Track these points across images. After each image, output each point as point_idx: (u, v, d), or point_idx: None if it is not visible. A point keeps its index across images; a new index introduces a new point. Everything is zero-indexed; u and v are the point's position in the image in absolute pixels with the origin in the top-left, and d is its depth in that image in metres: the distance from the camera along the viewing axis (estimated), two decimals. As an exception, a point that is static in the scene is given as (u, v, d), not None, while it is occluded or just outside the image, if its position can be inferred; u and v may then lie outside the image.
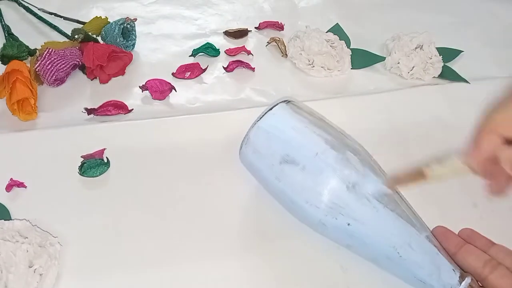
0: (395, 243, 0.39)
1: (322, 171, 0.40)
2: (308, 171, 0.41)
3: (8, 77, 0.54)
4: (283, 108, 0.44)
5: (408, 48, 0.64)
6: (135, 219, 0.46)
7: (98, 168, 0.49)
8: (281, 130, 0.42)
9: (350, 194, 0.40)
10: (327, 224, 0.41)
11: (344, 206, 0.40)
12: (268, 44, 0.67)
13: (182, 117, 0.56)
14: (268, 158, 0.42)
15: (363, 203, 0.39)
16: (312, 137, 0.42)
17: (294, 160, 0.41)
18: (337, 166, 0.40)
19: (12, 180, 0.48)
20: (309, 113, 0.44)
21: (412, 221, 0.40)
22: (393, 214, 0.40)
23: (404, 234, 0.39)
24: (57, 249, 0.41)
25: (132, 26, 0.64)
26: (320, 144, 0.41)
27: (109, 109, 0.55)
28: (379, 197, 0.40)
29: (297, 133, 0.42)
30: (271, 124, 0.43)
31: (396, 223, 0.40)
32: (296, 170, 0.41)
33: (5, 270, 0.38)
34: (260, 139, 0.43)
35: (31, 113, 0.54)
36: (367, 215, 0.39)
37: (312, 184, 0.40)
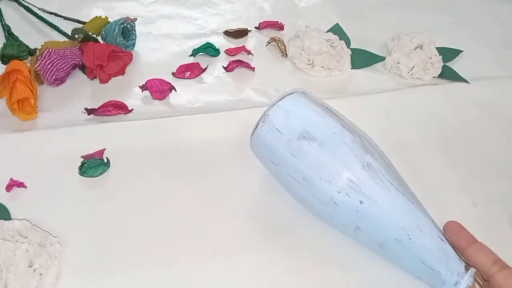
0: (405, 224, 0.40)
1: (339, 148, 0.41)
2: (326, 147, 0.42)
3: (8, 77, 0.54)
4: (301, 94, 0.46)
5: (408, 48, 0.64)
6: (135, 219, 0.46)
7: (98, 168, 0.49)
8: (301, 109, 0.44)
9: (365, 172, 0.41)
10: (338, 203, 0.41)
11: (359, 184, 0.41)
12: (268, 44, 0.67)
13: (182, 117, 0.56)
14: (286, 135, 0.43)
15: (377, 182, 0.41)
16: (329, 119, 0.44)
17: (313, 137, 0.42)
18: (353, 145, 0.42)
19: (12, 180, 0.48)
20: (323, 103, 0.47)
21: (421, 207, 0.42)
22: (403, 197, 0.41)
23: (414, 216, 0.41)
24: (57, 249, 0.41)
25: (132, 26, 0.64)
26: (337, 125, 0.43)
27: (109, 109, 0.55)
28: (391, 180, 0.41)
29: (316, 114, 0.44)
30: (291, 104, 0.44)
31: (407, 205, 0.41)
32: (314, 146, 0.42)
33: (5, 269, 0.38)
34: (279, 117, 0.44)
35: (31, 113, 0.54)
36: (380, 194, 0.40)
37: (329, 159, 0.41)
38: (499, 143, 0.56)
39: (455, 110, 0.59)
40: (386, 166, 0.43)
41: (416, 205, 0.42)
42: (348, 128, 0.43)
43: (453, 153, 0.55)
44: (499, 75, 0.65)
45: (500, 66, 0.66)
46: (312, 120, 0.44)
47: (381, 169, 0.41)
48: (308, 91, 0.48)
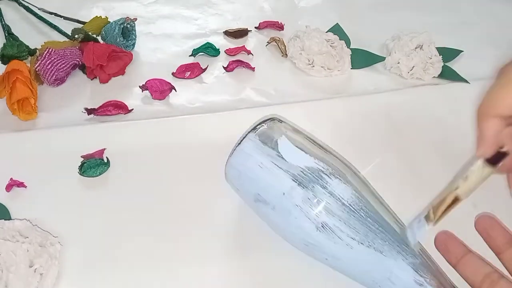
0: (374, 278, 0.38)
1: (290, 212, 0.39)
2: (278, 211, 0.40)
3: (8, 77, 0.54)
4: (252, 140, 0.42)
5: (408, 48, 0.64)
6: (135, 219, 0.46)
7: (98, 168, 0.49)
8: (249, 168, 0.41)
9: (321, 234, 0.38)
10: (307, 254, 0.41)
11: (318, 245, 0.39)
12: (268, 44, 0.67)
13: (182, 117, 0.56)
14: (244, 194, 0.43)
15: (335, 242, 0.38)
16: (278, 175, 0.40)
17: (265, 200, 0.41)
18: (305, 205, 0.39)
19: (12, 180, 0.48)
20: (282, 141, 0.42)
21: (396, 250, 0.38)
22: (369, 250, 0.38)
23: (384, 268, 0.38)
24: (57, 249, 0.41)
25: (132, 26, 0.64)
26: (287, 182, 0.40)
27: (109, 109, 0.55)
28: (353, 233, 0.38)
29: (264, 171, 0.41)
30: (240, 162, 0.42)
31: (373, 259, 0.38)
32: (268, 209, 0.41)
33: (5, 269, 0.38)
34: (234, 177, 0.43)
35: (31, 113, 0.54)
36: (341, 252, 0.39)
37: (284, 223, 0.40)
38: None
39: (455, 110, 0.59)
40: (348, 215, 0.39)
41: (387, 252, 0.38)
42: (302, 180, 0.39)
43: (453, 153, 0.55)
44: (499, 75, 0.65)
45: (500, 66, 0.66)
46: (261, 180, 0.41)
47: (339, 225, 0.38)
48: (275, 117, 0.45)
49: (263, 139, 0.42)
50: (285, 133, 0.43)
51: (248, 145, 0.42)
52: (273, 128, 0.43)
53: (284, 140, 0.42)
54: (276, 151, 0.41)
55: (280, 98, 0.59)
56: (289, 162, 0.40)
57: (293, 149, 0.41)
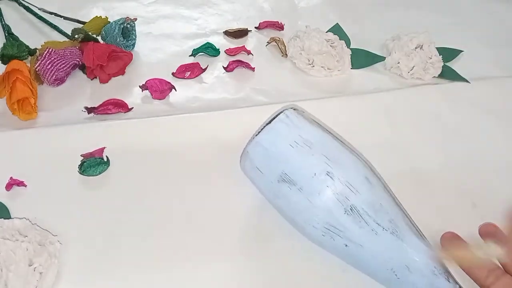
0: (393, 265, 0.38)
1: (320, 192, 0.39)
2: (306, 192, 0.40)
3: (8, 77, 0.54)
4: (282, 121, 0.42)
5: (408, 48, 0.64)
6: (135, 218, 0.46)
7: (98, 167, 0.49)
8: (279, 147, 0.41)
9: (348, 217, 0.38)
10: (324, 244, 0.41)
11: (342, 229, 0.39)
12: (268, 44, 0.67)
13: (182, 115, 0.56)
14: (266, 176, 0.42)
15: (361, 226, 0.38)
16: (310, 156, 0.40)
17: (292, 180, 0.40)
18: (335, 187, 0.39)
19: (12, 179, 0.47)
20: (312, 126, 0.42)
21: (413, 241, 0.39)
22: (392, 237, 0.38)
23: (404, 256, 0.38)
24: (57, 248, 0.41)
25: (132, 26, 0.64)
26: (319, 164, 0.40)
27: (109, 107, 0.55)
28: (379, 219, 0.39)
29: (296, 151, 0.40)
30: (269, 140, 0.41)
31: (395, 245, 0.38)
32: (294, 190, 0.40)
33: (5, 268, 0.38)
34: (258, 155, 0.42)
35: (31, 113, 0.54)
36: (365, 238, 0.39)
37: (310, 205, 0.39)
38: (499, 142, 0.56)
39: (455, 110, 0.60)
40: (373, 202, 0.39)
41: (407, 241, 0.39)
42: (333, 163, 0.40)
43: (453, 152, 0.55)
44: (499, 75, 0.65)
45: (500, 66, 0.66)
46: (291, 160, 0.40)
47: (367, 209, 0.39)
48: (298, 106, 0.45)
49: (295, 121, 0.42)
50: (314, 119, 0.43)
51: (279, 125, 0.41)
52: (304, 113, 0.43)
53: (315, 124, 0.42)
54: (308, 133, 0.41)
55: (280, 98, 0.59)
56: (321, 145, 0.40)
57: (324, 134, 0.42)
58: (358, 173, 0.40)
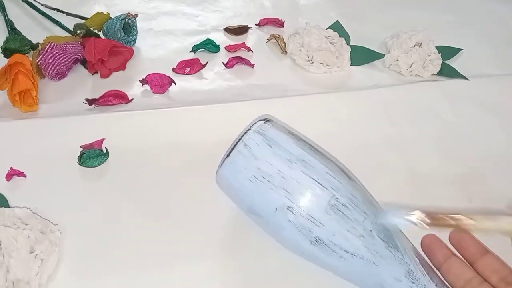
0: (367, 285, 0.39)
1: (284, 227, 0.39)
2: (271, 226, 0.40)
3: (10, 69, 0.55)
4: (241, 153, 0.40)
5: (407, 45, 0.64)
6: (132, 208, 0.46)
7: (97, 159, 0.49)
8: (240, 182, 0.40)
9: (315, 247, 0.38)
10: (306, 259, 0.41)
11: (313, 257, 0.39)
12: (268, 41, 0.67)
13: (182, 108, 0.56)
14: (238, 203, 0.42)
15: (329, 254, 0.38)
16: (270, 191, 0.39)
17: (258, 213, 0.40)
18: (297, 222, 0.38)
19: (12, 169, 0.48)
20: (272, 153, 0.39)
21: (389, 259, 0.38)
22: (363, 261, 0.38)
23: (377, 278, 0.38)
24: (57, 236, 0.41)
25: (133, 22, 0.64)
26: (279, 198, 0.38)
27: (110, 99, 0.56)
28: (346, 245, 0.38)
29: (255, 186, 0.39)
30: (230, 176, 0.40)
31: (366, 268, 0.38)
32: (263, 222, 0.40)
33: (7, 255, 0.38)
34: (225, 187, 0.42)
35: (32, 105, 0.54)
36: (335, 263, 0.39)
37: (278, 237, 0.40)
38: (496, 139, 0.57)
39: (453, 107, 0.60)
40: (339, 230, 0.38)
41: (380, 262, 0.38)
42: (293, 195, 0.38)
43: (450, 148, 0.55)
44: (497, 73, 0.65)
45: (499, 64, 0.67)
46: (253, 195, 0.39)
47: (332, 239, 0.38)
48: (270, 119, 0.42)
49: (254, 151, 0.39)
50: (275, 141, 0.40)
51: (239, 157, 0.40)
52: (265, 134, 0.40)
53: (278, 147, 0.40)
54: (267, 164, 0.39)
55: (279, 94, 0.60)
56: (281, 177, 0.38)
57: (284, 162, 0.39)
58: (321, 203, 0.38)
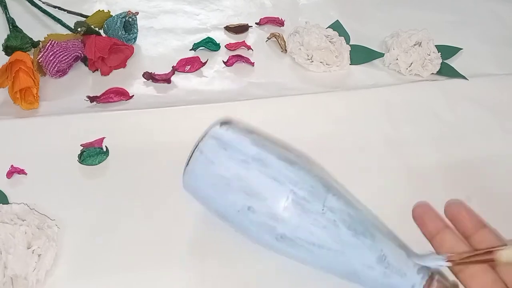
0: (341, 274, 0.39)
1: (248, 227, 0.40)
2: (238, 226, 0.41)
3: (11, 67, 0.55)
4: (197, 160, 0.40)
5: (407, 44, 0.64)
6: (132, 206, 0.47)
7: (97, 157, 0.50)
8: (202, 188, 0.41)
9: (282, 243, 0.39)
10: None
11: (283, 252, 0.40)
12: (268, 39, 0.67)
13: (181, 107, 0.56)
14: (206, 208, 0.43)
15: (297, 248, 0.39)
16: (230, 194, 0.39)
17: (224, 216, 0.41)
18: (260, 221, 0.39)
19: (12, 167, 0.48)
20: (228, 157, 0.40)
21: (357, 247, 0.38)
22: (329, 252, 0.38)
23: (347, 266, 0.38)
24: (55, 231, 0.42)
25: (134, 20, 0.65)
26: (239, 200, 0.39)
27: (111, 96, 0.56)
28: (313, 238, 0.38)
29: (216, 191, 0.40)
30: (192, 183, 0.42)
31: (334, 259, 0.38)
32: (230, 224, 0.41)
33: (4, 251, 0.38)
34: (191, 193, 0.43)
35: (33, 103, 0.54)
36: (304, 256, 0.39)
37: (248, 236, 0.41)
38: (495, 138, 0.57)
39: (452, 106, 0.60)
40: (303, 225, 0.38)
41: (347, 250, 0.38)
42: (252, 195, 0.38)
43: (449, 148, 0.55)
44: (497, 72, 0.65)
45: (498, 63, 0.67)
46: (216, 199, 0.40)
47: (298, 234, 0.38)
48: (229, 121, 0.43)
49: (210, 156, 0.40)
50: (230, 144, 0.40)
51: (197, 164, 0.40)
52: (220, 138, 0.41)
53: (230, 153, 0.40)
54: (225, 168, 0.39)
55: (279, 93, 0.60)
56: (238, 179, 0.39)
57: (240, 164, 0.39)
58: (280, 199, 0.38)
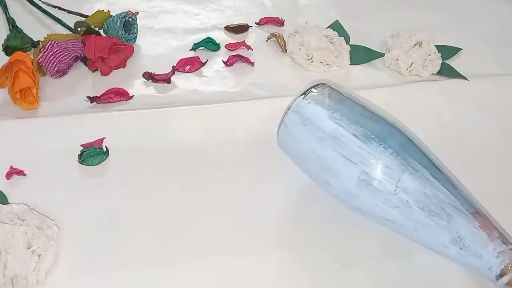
0: (418, 242, 0.40)
1: (329, 195, 0.43)
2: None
3: (11, 67, 0.55)
4: (283, 132, 0.44)
5: (407, 45, 0.64)
6: (132, 206, 0.47)
7: (97, 157, 0.50)
8: (290, 155, 0.45)
9: (358, 213, 0.41)
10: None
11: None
12: (268, 39, 0.67)
13: (181, 108, 0.56)
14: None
15: (372, 218, 0.42)
16: (312, 166, 0.43)
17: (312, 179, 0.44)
18: (336, 194, 0.42)
19: (12, 168, 0.48)
20: (313, 121, 0.43)
21: (430, 227, 0.39)
22: (403, 228, 0.40)
23: (421, 241, 0.40)
24: (54, 231, 0.42)
25: (134, 20, 0.65)
26: (318, 173, 0.43)
27: (111, 96, 0.56)
28: (384, 215, 0.40)
29: (301, 161, 0.44)
30: (282, 147, 0.45)
31: (407, 232, 0.40)
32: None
33: (4, 251, 0.38)
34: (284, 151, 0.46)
35: (33, 103, 0.54)
36: (381, 223, 0.41)
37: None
38: (496, 138, 0.57)
39: (452, 106, 0.60)
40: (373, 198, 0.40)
41: (420, 229, 0.39)
42: (329, 170, 0.41)
43: (450, 148, 0.55)
44: (497, 72, 0.65)
45: (499, 64, 0.67)
46: (302, 167, 0.44)
47: (369, 209, 0.41)
48: (310, 97, 0.44)
49: (292, 131, 0.43)
50: (309, 120, 0.43)
51: (283, 136, 0.45)
52: (301, 113, 0.43)
53: (309, 129, 0.42)
54: (304, 142, 0.43)
55: (278, 93, 0.60)
56: (315, 154, 0.42)
57: (316, 139, 0.42)
58: (352, 178, 0.40)
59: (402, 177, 0.39)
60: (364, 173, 0.39)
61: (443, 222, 0.38)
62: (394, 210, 0.39)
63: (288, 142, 0.44)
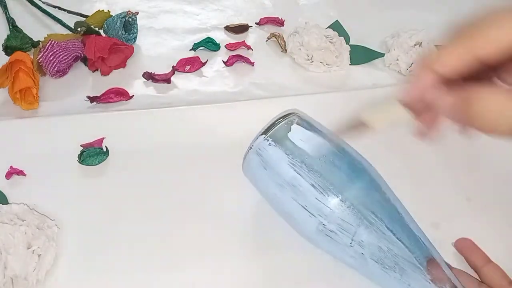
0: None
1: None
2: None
3: (11, 67, 0.55)
4: (245, 169, 0.44)
5: (407, 45, 0.64)
6: (132, 206, 0.47)
7: (97, 157, 0.50)
8: (254, 186, 0.44)
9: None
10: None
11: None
12: (268, 39, 0.67)
13: (181, 107, 0.56)
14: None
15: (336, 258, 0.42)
16: (273, 205, 0.44)
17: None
18: (298, 234, 0.42)
19: (12, 168, 0.48)
20: (273, 167, 0.41)
21: (384, 278, 0.40)
22: (358, 274, 0.41)
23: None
24: (54, 231, 0.42)
25: (134, 20, 0.65)
26: (280, 213, 0.43)
27: (111, 96, 0.56)
28: (342, 260, 0.41)
29: (264, 196, 0.44)
30: (246, 175, 0.44)
31: (366, 277, 0.41)
32: None
33: (4, 251, 0.39)
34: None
35: (33, 103, 0.54)
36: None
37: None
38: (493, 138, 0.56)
39: (452, 106, 0.60)
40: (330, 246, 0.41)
41: (375, 279, 0.40)
42: (288, 215, 0.42)
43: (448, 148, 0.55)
44: (497, 72, 0.65)
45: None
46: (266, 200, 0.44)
47: (328, 252, 0.42)
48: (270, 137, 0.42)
49: (254, 171, 0.43)
50: (269, 164, 0.41)
51: (246, 171, 0.44)
52: (262, 155, 0.42)
53: (269, 174, 0.41)
54: (264, 185, 0.43)
55: (279, 93, 0.60)
56: (276, 198, 0.42)
57: (276, 184, 0.41)
58: (310, 227, 0.40)
59: (357, 231, 0.39)
60: (321, 225, 0.39)
61: (396, 275, 0.39)
62: (351, 259, 0.40)
63: (251, 179, 0.44)
